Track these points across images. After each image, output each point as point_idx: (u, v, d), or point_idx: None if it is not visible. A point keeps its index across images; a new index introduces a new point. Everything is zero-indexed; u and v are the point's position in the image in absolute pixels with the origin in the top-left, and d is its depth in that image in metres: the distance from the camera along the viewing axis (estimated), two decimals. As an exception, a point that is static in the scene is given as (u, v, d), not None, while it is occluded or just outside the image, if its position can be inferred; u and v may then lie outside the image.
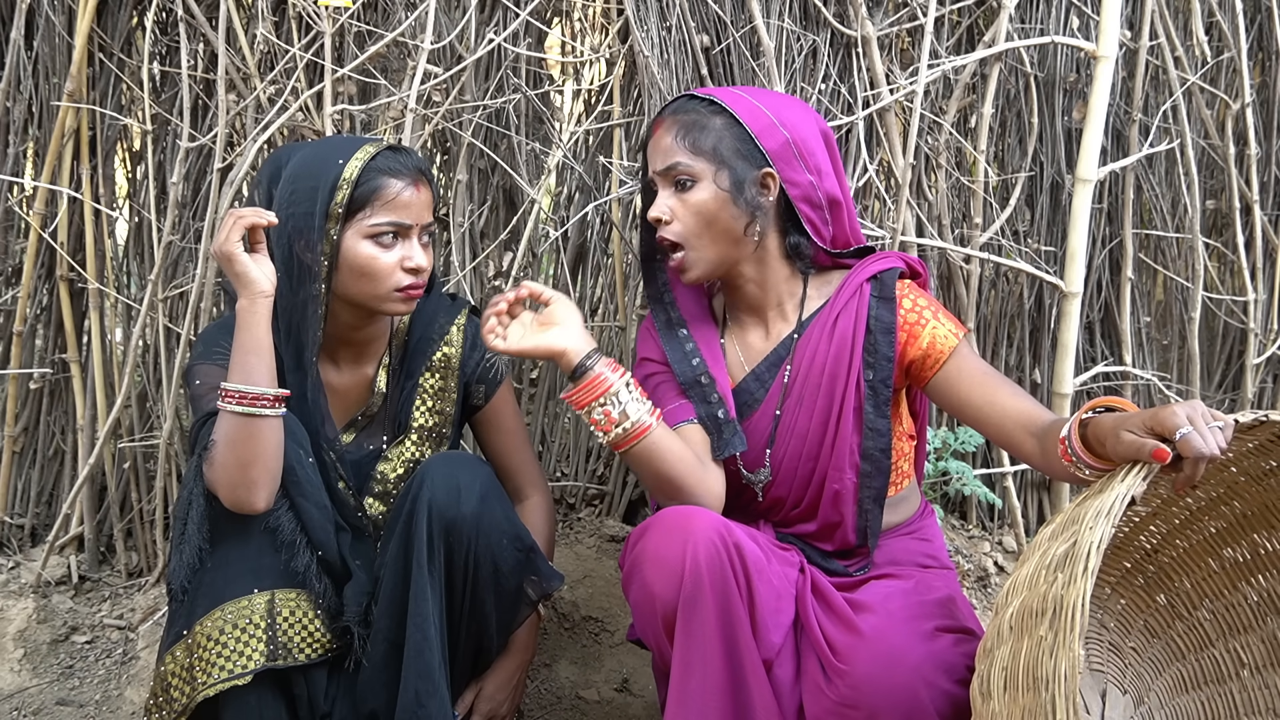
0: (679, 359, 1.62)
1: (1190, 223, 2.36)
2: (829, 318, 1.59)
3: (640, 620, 1.46)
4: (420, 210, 1.57)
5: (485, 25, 2.13)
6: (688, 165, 1.53)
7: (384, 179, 1.54)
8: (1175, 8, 2.32)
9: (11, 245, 2.29)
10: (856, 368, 1.56)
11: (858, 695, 1.35)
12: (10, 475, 2.31)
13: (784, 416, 1.60)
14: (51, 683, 2.02)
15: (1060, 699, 1.06)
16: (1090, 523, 1.14)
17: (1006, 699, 1.17)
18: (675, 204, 1.55)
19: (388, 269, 1.55)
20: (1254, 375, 2.51)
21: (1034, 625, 1.15)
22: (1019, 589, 1.25)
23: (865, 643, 1.37)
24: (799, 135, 1.56)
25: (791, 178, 1.56)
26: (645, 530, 1.45)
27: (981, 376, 1.54)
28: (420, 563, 1.49)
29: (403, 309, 1.59)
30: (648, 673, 2.04)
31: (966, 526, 2.50)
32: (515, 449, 1.82)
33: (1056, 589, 1.12)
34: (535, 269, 2.43)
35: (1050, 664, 1.08)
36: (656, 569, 1.39)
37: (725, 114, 1.55)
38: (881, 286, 1.58)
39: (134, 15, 2.17)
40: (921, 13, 2.09)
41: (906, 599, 1.46)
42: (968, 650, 1.39)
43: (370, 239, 1.54)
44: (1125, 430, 1.23)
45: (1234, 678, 1.53)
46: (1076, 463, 1.32)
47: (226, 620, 1.45)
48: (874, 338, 1.57)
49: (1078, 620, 1.06)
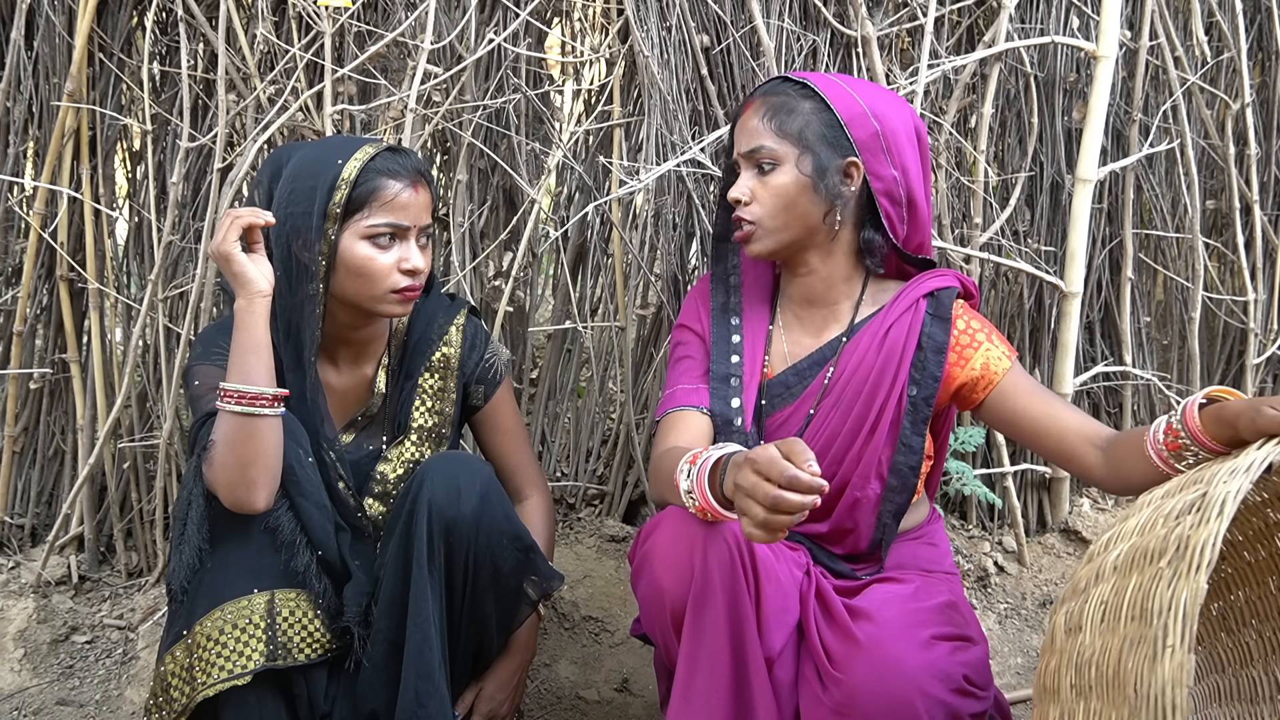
0: (720, 351, 1.62)
1: (1190, 223, 2.36)
2: (881, 327, 1.57)
3: (648, 615, 1.46)
4: (418, 212, 1.57)
5: (485, 25, 2.13)
6: (771, 149, 1.52)
7: (382, 180, 1.54)
8: (1175, 8, 2.32)
9: (11, 245, 2.29)
10: (902, 382, 1.55)
11: (853, 704, 1.34)
12: (10, 475, 2.31)
13: (817, 416, 1.59)
14: (51, 683, 2.02)
15: (1174, 625, 1.01)
16: (1224, 478, 1.10)
17: (1104, 628, 1.13)
18: (756, 185, 1.54)
19: (384, 270, 1.55)
20: (1254, 375, 2.51)
21: (1149, 563, 1.11)
22: (1126, 536, 1.20)
23: (861, 651, 1.37)
24: (889, 128, 1.53)
25: (877, 170, 1.53)
26: (657, 525, 1.44)
27: (1036, 393, 1.55)
28: (420, 563, 1.49)
29: (398, 311, 1.59)
30: (648, 672, 2.04)
31: (966, 526, 2.50)
32: (515, 449, 1.82)
33: (1183, 529, 1.08)
34: (535, 269, 2.43)
35: (1168, 594, 1.04)
36: (667, 565, 1.39)
37: (816, 98, 1.52)
38: (938, 305, 1.57)
39: (134, 15, 2.17)
40: (921, 13, 2.09)
41: (905, 606, 1.46)
42: (965, 659, 1.39)
43: (367, 240, 1.54)
44: (1268, 406, 1.20)
45: (1268, 700, 1.50)
46: (1183, 449, 1.30)
47: (226, 620, 1.45)
48: (924, 355, 1.55)
49: (1206, 555, 1.02)
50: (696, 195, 2.13)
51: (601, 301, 2.52)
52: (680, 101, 2.11)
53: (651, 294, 2.36)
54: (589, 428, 2.49)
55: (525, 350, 2.44)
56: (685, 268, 2.20)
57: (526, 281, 2.38)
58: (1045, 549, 2.46)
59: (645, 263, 2.24)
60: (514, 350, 2.35)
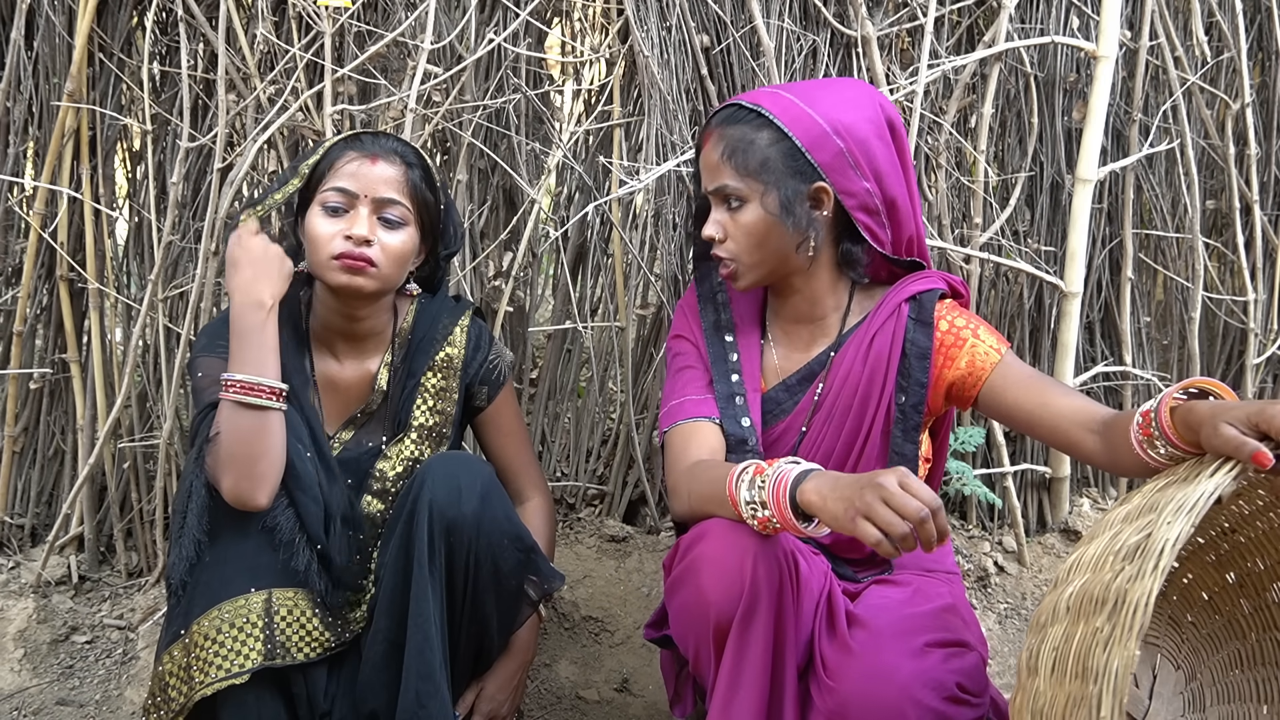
0: (720, 371, 1.61)
1: (1190, 223, 2.36)
2: (865, 336, 1.56)
3: (685, 625, 1.42)
4: (372, 182, 1.57)
5: (485, 25, 2.13)
6: (735, 187, 1.49)
7: (343, 150, 1.59)
8: (1175, 8, 2.32)
9: (11, 245, 2.29)
10: (889, 391, 1.54)
11: (844, 712, 1.34)
12: (10, 475, 2.31)
13: (810, 432, 1.58)
14: (51, 683, 2.02)
15: (1108, 695, 1.01)
16: (1169, 517, 1.07)
17: (1053, 681, 1.13)
18: (727, 221, 1.52)
19: (327, 235, 1.56)
20: (1254, 375, 2.51)
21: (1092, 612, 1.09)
22: (1082, 569, 1.18)
23: (854, 659, 1.36)
24: (856, 138, 1.47)
25: (847, 188, 1.49)
26: (703, 535, 1.40)
27: (1029, 381, 1.50)
28: (421, 562, 1.49)
29: (342, 279, 1.56)
30: (648, 673, 2.04)
31: (966, 526, 2.50)
32: (516, 450, 1.82)
33: (1122, 581, 1.06)
34: (535, 269, 2.43)
35: (1103, 658, 1.03)
36: (715, 577, 1.35)
37: (773, 126, 1.47)
38: (920, 309, 1.55)
39: (134, 15, 2.17)
40: (921, 13, 2.09)
41: (899, 612, 1.44)
42: (959, 666, 1.37)
43: (321, 208, 1.57)
44: (1225, 422, 1.15)
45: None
46: (1153, 439, 1.28)
47: (224, 620, 1.45)
48: (909, 361, 1.54)
49: (1138, 619, 1.01)
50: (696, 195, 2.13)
51: (601, 301, 2.52)
52: (680, 101, 2.11)
53: (651, 294, 2.36)
54: (589, 428, 2.49)
55: (525, 350, 2.44)
56: (685, 268, 2.20)
57: (526, 281, 2.38)
58: (1045, 549, 2.46)
59: (645, 263, 2.24)
60: (514, 350, 2.35)
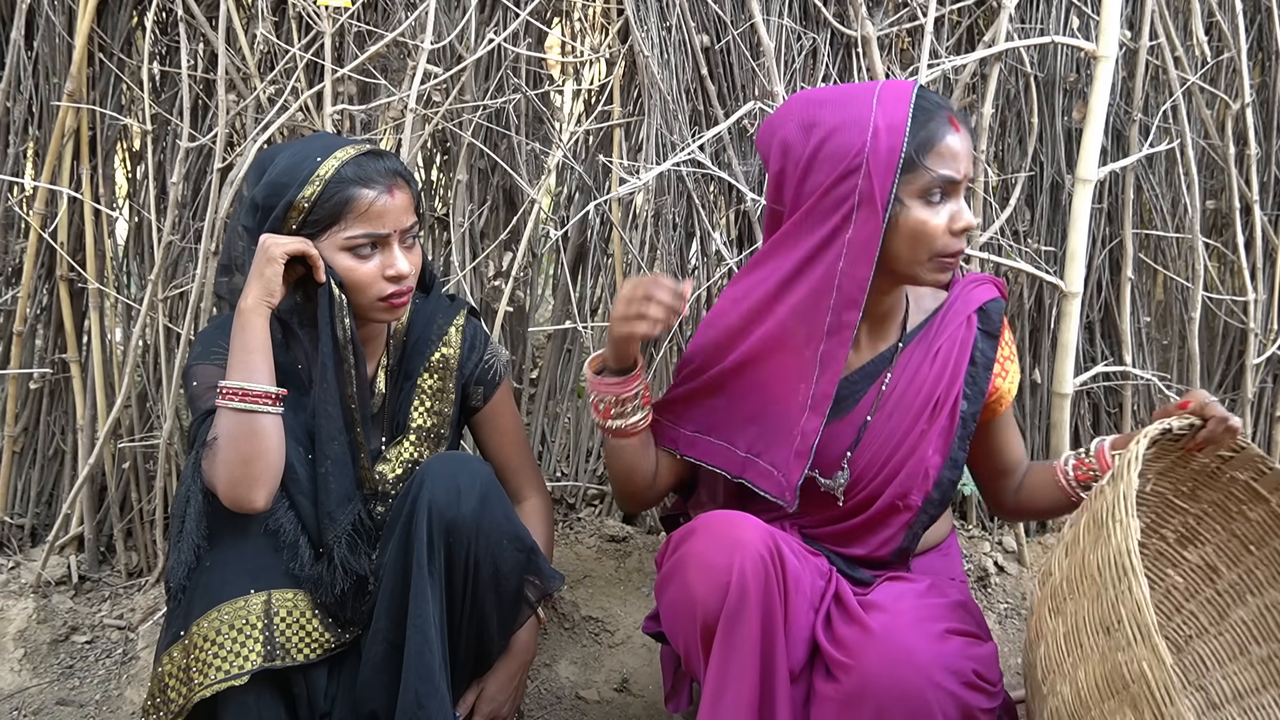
0: None
1: (1190, 223, 2.35)
2: (931, 340, 1.57)
3: (674, 622, 1.44)
4: (397, 216, 1.54)
5: (485, 25, 2.13)
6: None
7: (355, 190, 1.50)
8: (1175, 8, 2.32)
9: (11, 245, 2.29)
10: (954, 396, 1.55)
11: (863, 691, 1.34)
12: (10, 475, 2.31)
13: (873, 424, 1.56)
14: (51, 683, 2.02)
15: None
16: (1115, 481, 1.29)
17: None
18: None
19: (368, 279, 1.53)
20: (1254, 375, 2.50)
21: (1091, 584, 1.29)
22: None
23: (874, 639, 1.37)
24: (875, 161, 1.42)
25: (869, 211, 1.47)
26: (691, 533, 1.42)
27: (1010, 417, 1.63)
28: (420, 563, 1.49)
29: (387, 318, 1.59)
30: (648, 672, 2.04)
31: (966, 526, 2.50)
32: (514, 450, 1.81)
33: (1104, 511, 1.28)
34: (535, 269, 2.43)
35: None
36: (702, 575, 1.38)
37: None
38: (988, 320, 1.57)
39: (134, 15, 2.17)
40: (921, 13, 2.09)
41: (918, 600, 1.45)
42: (977, 654, 1.39)
43: (347, 251, 1.52)
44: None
45: None
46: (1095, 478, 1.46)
47: (223, 621, 1.45)
48: (976, 370, 1.56)
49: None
50: (696, 195, 2.13)
51: (601, 301, 2.51)
52: (680, 101, 2.11)
53: (651, 294, 2.35)
54: (589, 428, 2.48)
55: (525, 350, 2.44)
56: (685, 268, 2.20)
57: (526, 281, 2.38)
58: (1045, 549, 2.46)
59: (645, 263, 2.24)
60: (514, 350, 2.35)
